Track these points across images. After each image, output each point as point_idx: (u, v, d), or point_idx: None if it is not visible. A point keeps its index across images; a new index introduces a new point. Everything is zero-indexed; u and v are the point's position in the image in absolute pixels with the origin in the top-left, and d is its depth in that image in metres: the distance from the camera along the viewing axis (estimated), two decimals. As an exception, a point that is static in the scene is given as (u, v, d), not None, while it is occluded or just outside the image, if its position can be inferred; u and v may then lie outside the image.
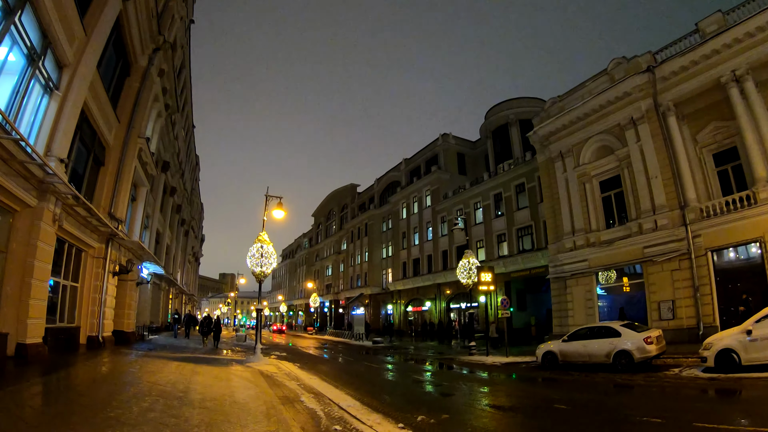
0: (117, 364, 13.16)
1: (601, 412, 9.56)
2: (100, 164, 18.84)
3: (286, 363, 17.37)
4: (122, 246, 20.22)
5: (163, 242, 36.19)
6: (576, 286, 26.10)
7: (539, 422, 8.74)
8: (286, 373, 13.93)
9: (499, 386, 14.19)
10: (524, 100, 46.22)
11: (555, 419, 8.95)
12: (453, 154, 51.92)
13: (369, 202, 66.27)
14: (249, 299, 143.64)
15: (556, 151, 28.48)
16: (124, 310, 21.63)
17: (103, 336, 17.80)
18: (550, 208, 29.39)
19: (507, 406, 10.48)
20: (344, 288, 67.82)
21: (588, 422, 8.60)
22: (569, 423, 8.56)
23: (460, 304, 43.13)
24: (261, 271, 16.39)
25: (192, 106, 46.47)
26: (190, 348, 22.41)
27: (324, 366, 19.01)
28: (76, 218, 15.30)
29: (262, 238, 16.79)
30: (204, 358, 17.14)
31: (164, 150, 32.17)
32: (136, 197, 23.90)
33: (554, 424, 8.50)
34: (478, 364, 20.59)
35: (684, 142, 22.09)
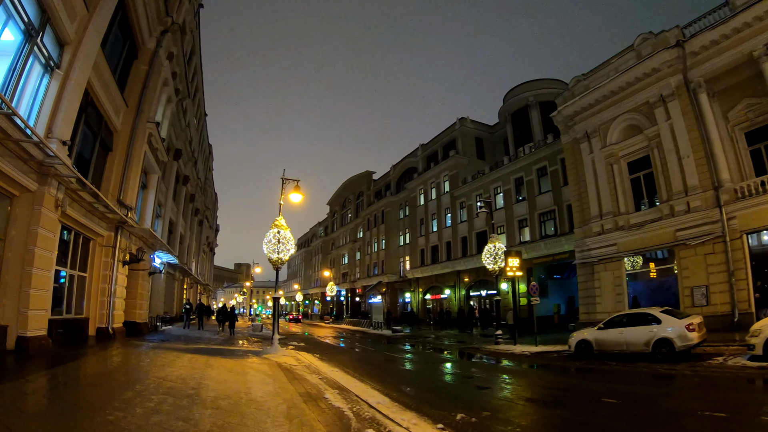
0: (124, 357, 12.34)
1: (655, 406, 8.57)
2: (107, 150, 18.07)
3: (305, 354, 16.47)
4: (132, 234, 19.44)
5: (177, 231, 35.53)
6: (604, 272, 25.05)
7: (592, 419, 7.76)
8: (306, 365, 13.01)
9: (536, 378, 13.23)
10: (544, 81, 44.82)
11: (607, 415, 7.99)
12: (471, 139, 50.69)
13: (385, 189, 65.27)
14: (264, 288, 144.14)
15: (581, 131, 27.29)
16: (135, 300, 20.92)
17: (113, 327, 17.06)
18: (575, 191, 28.15)
19: (551, 401, 9.48)
20: (361, 276, 67.11)
21: (646, 418, 7.64)
22: (625, 419, 7.61)
23: (480, 292, 42.31)
24: (278, 258, 15.46)
25: (203, 93, 45.72)
26: (204, 339, 21.65)
27: (345, 357, 18.11)
28: (81, 204, 14.48)
29: (278, 223, 15.87)
30: (218, 349, 16.31)
31: (176, 137, 31.41)
32: (147, 185, 23.14)
33: (609, 420, 7.54)
34: (506, 353, 19.62)
35: (715, 119, 20.96)
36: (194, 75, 37.85)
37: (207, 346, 17.62)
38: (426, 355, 20.18)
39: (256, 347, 18.20)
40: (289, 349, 17.64)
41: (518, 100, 44.65)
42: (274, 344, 15.31)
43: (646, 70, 23.25)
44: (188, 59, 32.18)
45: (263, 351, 15.23)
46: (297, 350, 18.37)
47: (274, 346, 15.24)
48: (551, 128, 37.11)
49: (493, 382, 12.23)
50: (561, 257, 33.12)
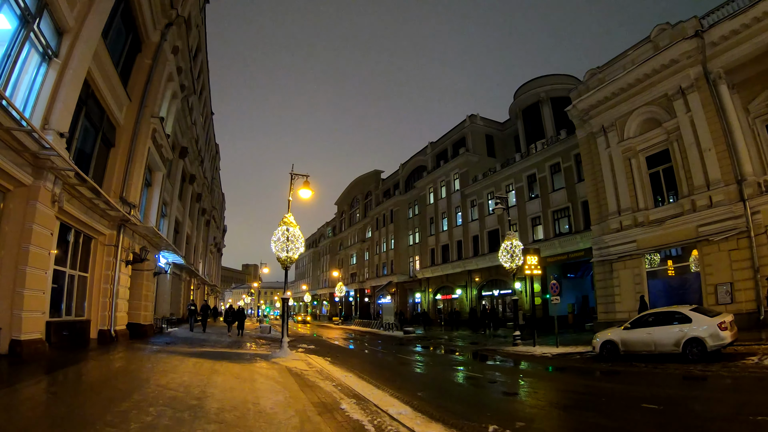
0: (125, 362, 11.60)
1: (701, 410, 7.97)
2: (110, 145, 17.40)
3: (315, 357, 15.72)
4: (136, 233, 18.74)
5: (183, 231, 34.88)
6: (623, 270, 24.30)
7: (639, 428, 6.99)
8: (318, 370, 12.21)
9: (564, 381, 12.38)
10: (556, 77, 44.00)
11: (655, 423, 7.26)
12: (481, 136, 49.89)
13: (394, 188, 64.57)
14: (272, 289, 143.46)
15: (597, 125, 26.57)
16: (140, 301, 20.23)
17: (116, 330, 16.36)
18: (592, 187, 27.38)
19: (588, 408, 8.65)
20: (369, 277, 66.39)
21: (695, 424, 6.97)
22: (675, 427, 6.88)
23: (492, 291, 41.50)
24: (287, 257, 14.69)
25: (210, 92, 45.09)
26: (210, 341, 20.92)
27: (358, 360, 17.29)
28: (81, 201, 13.79)
29: (287, 221, 15.10)
30: (225, 353, 15.55)
31: (181, 135, 30.77)
32: (151, 182, 22.47)
33: (660, 429, 6.77)
34: (526, 355, 18.82)
35: (736, 112, 20.32)
36: (200, 72, 37.25)
37: (213, 349, 16.90)
38: (442, 358, 19.39)
39: (265, 350, 17.46)
40: (299, 353, 16.84)
41: (529, 96, 43.82)
42: (284, 347, 14.53)
43: (664, 62, 22.56)
44: (194, 56, 31.59)
45: (272, 354, 14.46)
46: (307, 353, 17.62)
47: (284, 349, 14.46)
48: (564, 124, 36.82)
49: (519, 387, 11.47)
50: (576, 255, 32.38)
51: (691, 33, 21.37)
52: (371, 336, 34.19)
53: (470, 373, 14.59)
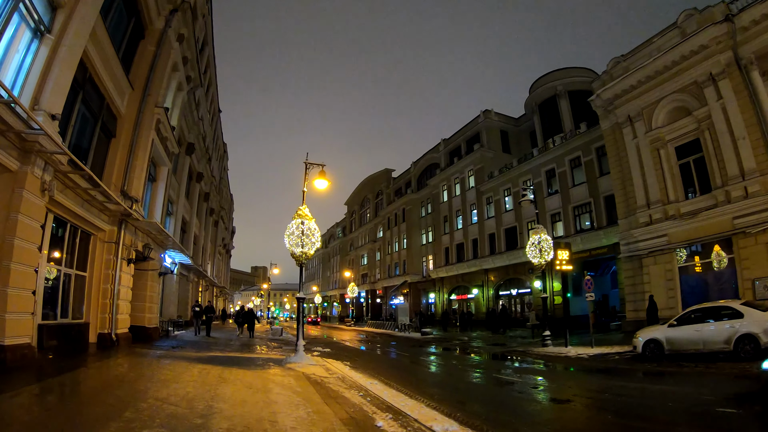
0: (123, 369, 10.32)
1: None
2: (110, 135, 16.28)
3: (333, 362, 14.33)
4: (138, 229, 17.52)
5: (190, 231, 33.75)
6: (653, 265, 23.22)
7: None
8: (339, 377, 10.86)
9: (615, 386, 10.93)
10: (572, 69, 42.63)
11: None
12: (496, 132, 48.47)
13: (406, 186, 63.26)
14: (282, 291, 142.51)
15: (623, 115, 25.52)
16: (144, 303, 19.06)
17: (117, 333, 15.15)
18: (618, 180, 26.41)
19: (659, 418, 7.20)
20: (381, 277, 65.15)
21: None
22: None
23: (510, 291, 40.15)
24: (302, 252, 13.38)
25: (217, 88, 44.01)
26: (219, 345, 19.67)
27: (380, 365, 15.90)
28: (76, 192, 12.58)
29: (302, 213, 13.79)
30: (235, 358, 14.25)
31: (188, 130, 29.67)
32: (156, 177, 21.34)
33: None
34: (560, 357, 17.49)
35: (767, 98, 19.37)
36: (207, 68, 36.17)
37: (222, 353, 15.63)
38: (469, 361, 17.98)
39: (278, 354, 16.16)
40: (314, 357, 15.47)
41: (546, 89, 42.49)
42: (299, 351, 13.18)
43: (693, 48, 21.74)
44: (201, 49, 30.50)
45: (287, 359, 13.12)
46: (323, 357, 16.25)
47: (299, 353, 13.11)
48: (582, 117, 35.96)
49: (569, 394, 10.05)
50: (599, 252, 31.15)
51: (720, 18, 20.65)
52: (386, 338, 32.80)
53: (506, 377, 13.17)
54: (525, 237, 37.56)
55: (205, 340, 22.43)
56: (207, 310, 26.72)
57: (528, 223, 38.18)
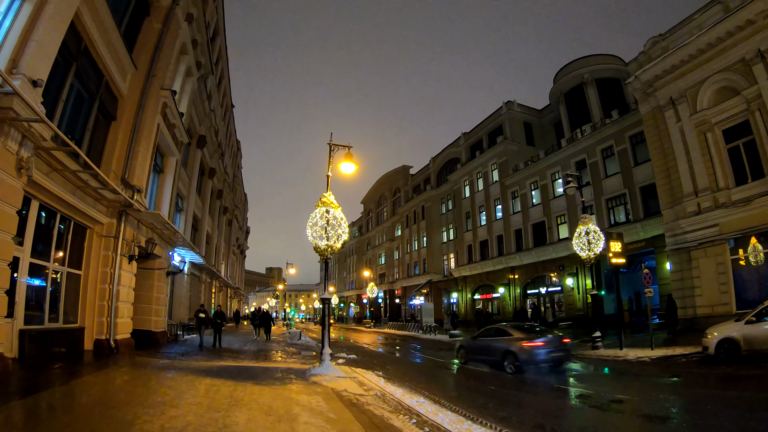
0: (114, 386, 8.46)
1: None
2: (110, 118, 14.59)
3: (363, 372, 12.31)
4: (142, 223, 15.73)
5: (202, 229, 32.06)
6: (704, 258, 21.33)
7: None
8: (378, 394, 8.83)
9: (703, 395, 9.14)
10: (599, 57, 40.31)
11: None
12: (519, 124, 46.29)
13: (424, 183, 61.28)
14: (297, 292, 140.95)
15: (664, 97, 23.75)
16: (150, 305, 17.35)
17: (116, 339, 13.37)
18: (661, 167, 24.49)
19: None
20: (400, 277, 63.21)
21: None
22: None
23: (538, 289, 38.05)
24: (327, 246, 11.44)
25: (229, 82, 42.38)
26: (232, 350, 17.86)
27: (418, 374, 13.80)
28: (65, 175, 10.81)
29: (327, 200, 11.85)
30: (249, 368, 12.30)
31: (199, 122, 28.00)
32: (163, 168, 19.66)
33: None
34: (619, 360, 15.68)
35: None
36: (218, 59, 34.63)
37: (235, 362, 13.76)
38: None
39: (298, 363, 14.24)
40: (341, 366, 13.52)
41: (572, 77, 40.18)
42: (325, 361, 11.21)
43: (739, 23, 19.98)
44: (212, 38, 28.88)
45: (310, 371, 11.15)
46: (350, 366, 14.22)
47: (325, 363, 11.13)
48: (612, 106, 34.57)
49: (661, 408, 8.15)
50: (635, 247, 28.98)
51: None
52: (412, 341, 30.69)
53: (573, 387, 11.18)
54: (555, 232, 35.96)
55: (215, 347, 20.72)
56: (217, 316, 21.20)
57: (557, 218, 36.22)
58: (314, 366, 11.72)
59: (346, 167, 12.95)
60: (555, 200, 36.74)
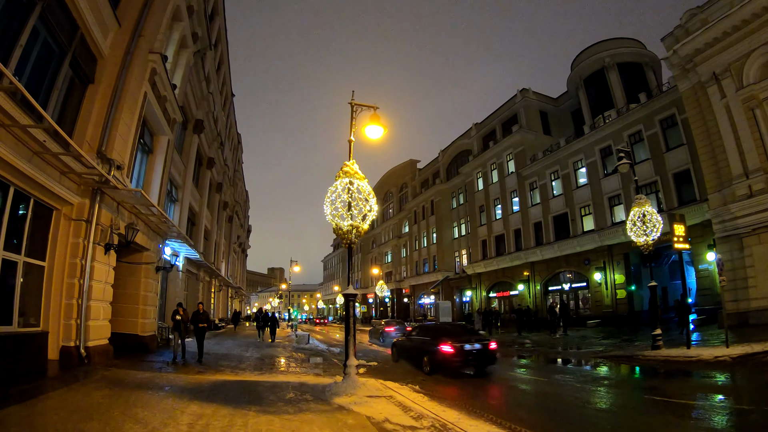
0: (60, 418, 5.97)
1: None
2: (86, 81, 12.11)
3: (397, 386, 9.52)
4: (122, 206, 13.11)
5: (200, 223, 29.56)
6: (757, 245, 19.73)
7: None
8: (436, 425, 6.24)
9: None
10: (620, 40, 38.03)
11: None
12: (535, 112, 43.80)
13: (433, 177, 58.82)
14: (300, 292, 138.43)
15: (706, 73, 22.16)
16: (136, 305, 14.94)
17: (88, 346, 10.86)
18: (706, 148, 22.78)
19: None
20: (408, 275, 60.77)
21: None
22: None
23: (561, 285, 35.60)
24: (352, 226, 8.92)
25: (229, 68, 39.87)
26: (231, 358, 15.31)
27: (465, 387, 10.94)
28: (16, 135, 8.34)
29: (351, 170, 9.28)
30: (252, 384, 9.66)
31: (195, 104, 25.55)
32: (153, 148, 17.19)
33: None
34: (693, 361, 13.31)
35: None
36: (218, 41, 32.23)
37: (234, 375, 11.22)
38: (584, 375, 13.22)
39: (312, 375, 11.68)
40: (364, 376, 10.92)
41: (592, 62, 37.76)
42: (350, 376, 8.45)
43: None
44: (210, 16, 26.49)
45: (330, 388, 8.50)
46: (374, 375, 11.74)
47: (350, 379, 8.39)
48: (634, 91, 32.85)
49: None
50: (668, 238, 26.46)
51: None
52: None
53: (674, 400, 8.70)
54: (578, 224, 33.70)
55: (215, 349, 18.10)
56: (196, 319, 15.31)
57: (581, 209, 33.77)
58: (335, 380, 9.21)
59: (372, 131, 10.39)
60: (578, 190, 34.34)
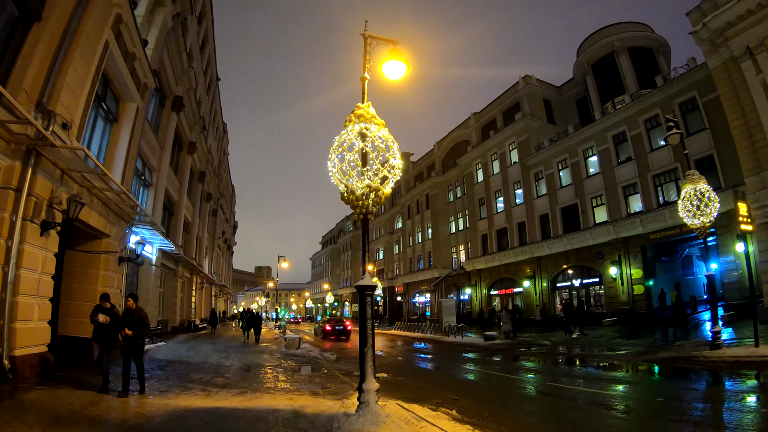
0: None
1: None
2: (31, 18, 9.31)
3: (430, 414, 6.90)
4: (69, 175, 10.22)
5: (179, 213, 26.74)
6: None
7: None
8: None
9: None
10: (629, 24, 36.04)
11: None
12: (539, 100, 41.28)
13: (428, 170, 56.24)
14: (287, 291, 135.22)
15: (740, 47, 20.84)
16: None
17: (13, 356, 8.10)
18: (741, 126, 21.37)
19: None
20: (402, 272, 58.17)
21: None
22: None
23: (571, 281, 33.28)
24: (369, 188, 6.13)
25: (215, 49, 37.15)
26: (206, 369, 12.35)
27: (519, 410, 8.56)
28: None
29: (365, 112, 6.50)
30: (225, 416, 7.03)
31: (174, 77, 22.97)
32: (117, 117, 14.47)
33: None
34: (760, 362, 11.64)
35: None
36: (202, 16, 29.69)
37: (203, 399, 8.34)
38: (655, 383, 11.16)
39: (307, 395, 8.87)
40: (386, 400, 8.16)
41: (601, 46, 35.56)
42: (370, 405, 5.54)
43: None
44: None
45: (340, 423, 5.85)
46: (391, 396, 9.02)
47: (370, 410, 5.53)
48: (646, 77, 31.56)
49: None
50: (687, 230, 24.38)
51: None
52: (439, 345, 25.27)
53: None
54: (590, 216, 31.44)
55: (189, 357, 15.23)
56: (125, 322, 8.88)
57: (592, 199, 31.47)
58: (342, 406, 6.60)
59: (390, 69, 7.73)
60: (589, 180, 31.97)
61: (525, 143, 38.31)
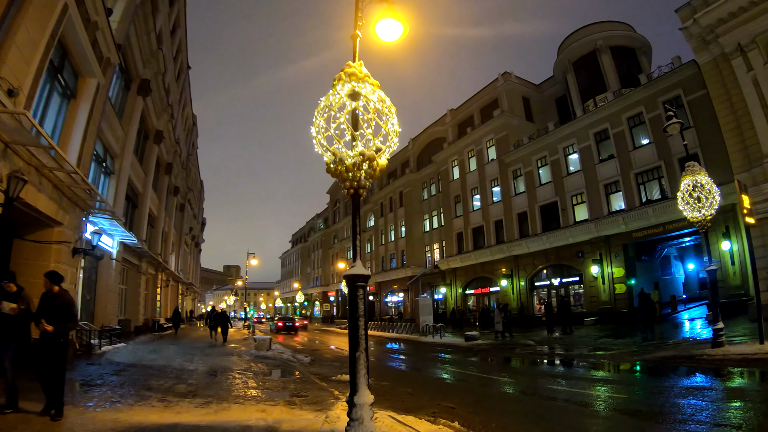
0: None
1: None
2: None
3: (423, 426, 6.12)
4: (12, 148, 8.89)
5: (143, 206, 25.21)
6: None
7: None
8: None
9: None
10: (611, 23, 36.40)
11: None
12: (518, 97, 40.99)
13: (402, 167, 55.66)
14: (257, 290, 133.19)
15: (731, 44, 21.14)
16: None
17: None
18: (731, 124, 21.62)
19: None
20: (374, 271, 57.12)
21: None
22: None
23: (550, 281, 32.79)
24: (362, 156, 5.09)
25: (186, 34, 35.74)
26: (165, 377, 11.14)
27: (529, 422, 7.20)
28: None
29: (357, 71, 5.30)
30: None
31: (142, 59, 21.70)
32: (75, 92, 13.12)
33: None
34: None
35: None
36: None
37: (160, 412, 7.05)
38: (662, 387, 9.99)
39: (282, 405, 7.55)
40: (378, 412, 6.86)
41: (582, 44, 35.72)
42: (363, 423, 4.44)
43: None
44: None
45: None
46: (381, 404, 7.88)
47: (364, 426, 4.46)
48: (628, 76, 32.30)
49: None
50: (676, 227, 24.55)
51: None
52: (417, 346, 24.38)
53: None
54: (570, 214, 30.99)
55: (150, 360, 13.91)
56: (38, 309, 6.53)
57: (572, 197, 30.98)
58: (326, 422, 5.49)
59: (384, 28, 6.66)
60: (569, 177, 31.68)
61: (503, 140, 37.79)
